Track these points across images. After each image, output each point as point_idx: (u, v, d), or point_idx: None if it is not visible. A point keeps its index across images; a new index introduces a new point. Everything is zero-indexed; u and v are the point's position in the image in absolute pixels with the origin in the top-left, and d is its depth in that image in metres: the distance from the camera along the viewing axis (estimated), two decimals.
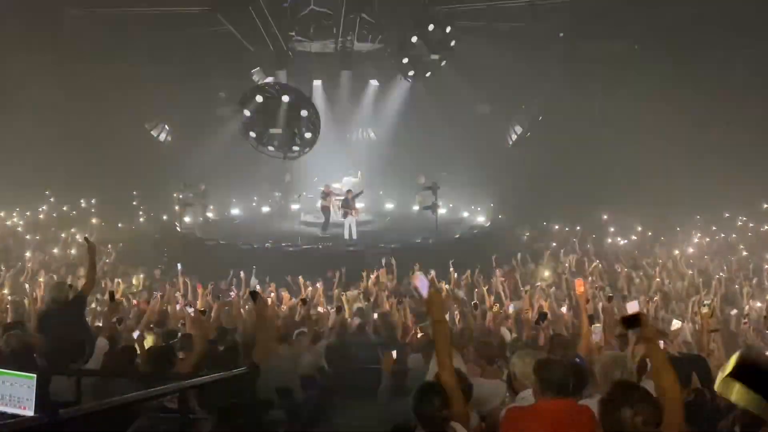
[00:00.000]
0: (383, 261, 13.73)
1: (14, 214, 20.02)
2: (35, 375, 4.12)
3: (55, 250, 16.51)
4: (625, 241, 18.66)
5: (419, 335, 8.47)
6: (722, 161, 19.35)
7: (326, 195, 18.68)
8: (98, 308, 10.76)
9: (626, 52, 20.06)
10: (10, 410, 4.07)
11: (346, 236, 17.47)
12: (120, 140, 20.70)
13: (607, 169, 21.41)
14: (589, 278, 12.49)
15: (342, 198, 18.28)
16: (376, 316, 10.54)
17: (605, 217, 21.42)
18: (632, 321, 3.00)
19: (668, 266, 14.24)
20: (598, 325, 5.74)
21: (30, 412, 3.96)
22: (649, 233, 19.21)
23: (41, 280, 12.37)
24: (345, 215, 17.66)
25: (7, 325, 7.33)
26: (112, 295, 7.27)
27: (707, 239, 18.19)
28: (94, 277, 7.70)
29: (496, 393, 4.56)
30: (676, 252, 15.74)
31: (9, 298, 10.92)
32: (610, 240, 19.05)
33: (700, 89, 19.40)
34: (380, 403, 6.52)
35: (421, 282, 4.01)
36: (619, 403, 2.43)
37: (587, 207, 22.44)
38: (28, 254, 14.76)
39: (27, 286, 12.20)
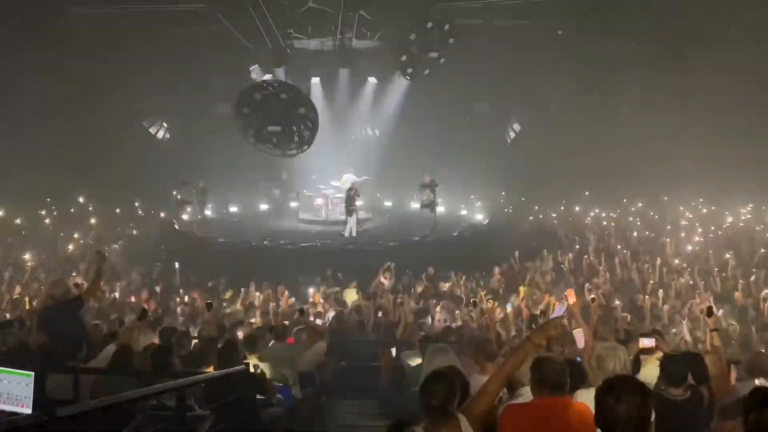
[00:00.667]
0: (386, 265, 13.69)
1: (16, 217, 19.99)
2: (33, 373, 4.13)
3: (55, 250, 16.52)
4: (625, 235, 18.64)
5: (421, 334, 8.47)
6: (724, 153, 19.37)
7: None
8: (96, 305, 10.77)
9: (624, 49, 20.06)
10: (8, 408, 4.07)
11: (347, 234, 17.45)
12: (118, 138, 20.67)
13: (607, 165, 21.42)
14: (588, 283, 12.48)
15: (344, 196, 18.26)
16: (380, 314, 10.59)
17: (603, 214, 21.43)
18: None
19: (668, 263, 14.25)
20: (579, 329, 5.65)
21: (28, 410, 3.96)
22: (647, 232, 19.17)
23: (41, 278, 12.39)
24: (350, 213, 17.61)
25: (3, 323, 7.34)
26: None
27: (711, 233, 18.15)
28: (98, 286, 7.58)
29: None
30: (673, 249, 15.75)
31: (7, 296, 10.96)
32: (607, 232, 19.03)
33: (700, 83, 19.39)
34: (380, 399, 6.56)
35: (560, 309, 4.82)
36: (610, 395, 2.44)
37: (586, 203, 22.49)
38: (27, 256, 14.73)
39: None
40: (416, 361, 6.85)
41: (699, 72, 19.14)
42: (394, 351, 5.37)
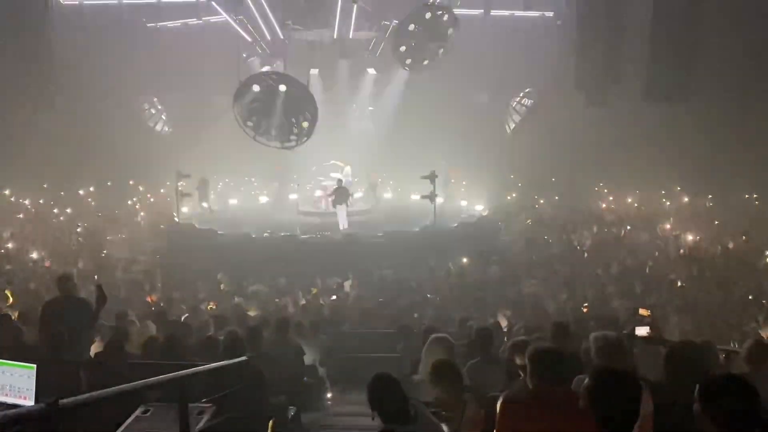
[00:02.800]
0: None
1: (20, 211, 20.02)
2: (35, 365, 4.15)
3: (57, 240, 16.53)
4: (625, 228, 18.63)
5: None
6: (728, 142, 19.30)
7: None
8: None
9: (624, 39, 19.95)
10: (10, 400, 4.09)
11: (341, 227, 17.46)
12: (117, 131, 20.63)
13: (607, 156, 21.38)
14: None
15: (337, 187, 18.23)
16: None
17: (604, 205, 21.42)
18: None
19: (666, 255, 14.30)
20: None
21: (30, 402, 3.98)
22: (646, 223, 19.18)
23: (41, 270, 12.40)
24: (339, 205, 17.61)
25: (2, 316, 7.33)
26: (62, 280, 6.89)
27: (714, 222, 18.14)
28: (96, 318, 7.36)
29: (496, 379, 4.59)
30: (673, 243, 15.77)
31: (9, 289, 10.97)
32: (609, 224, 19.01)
33: (705, 73, 19.27)
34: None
35: None
36: (604, 386, 2.45)
37: (586, 195, 22.46)
38: (34, 255, 14.72)
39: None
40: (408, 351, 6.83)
41: (705, 60, 18.99)
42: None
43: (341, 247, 15.80)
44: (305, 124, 17.59)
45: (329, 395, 8.17)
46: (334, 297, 11.81)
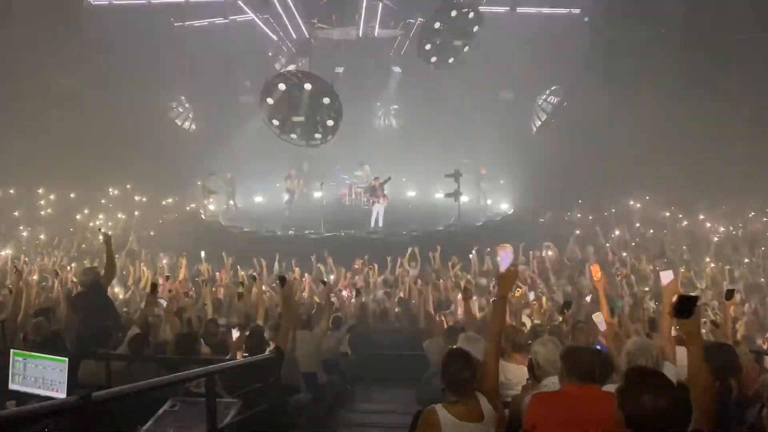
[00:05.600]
0: (408, 250, 13.66)
1: (43, 203, 20.41)
2: (67, 359, 4.24)
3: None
4: (650, 230, 18.34)
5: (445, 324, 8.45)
6: (753, 147, 18.87)
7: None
8: (125, 296, 10.97)
9: (651, 37, 19.65)
10: (43, 393, 4.19)
11: (372, 225, 17.47)
12: (145, 128, 20.90)
13: (633, 156, 21.06)
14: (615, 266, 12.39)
15: (366, 185, 18.25)
16: (397, 302, 10.61)
17: (631, 202, 21.12)
18: (686, 307, 2.66)
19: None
20: (598, 313, 5.57)
21: (62, 395, 4.07)
22: (680, 219, 18.86)
23: (70, 266, 12.62)
24: (372, 203, 17.64)
25: (36, 311, 7.50)
26: (154, 286, 6.99)
27: (737, 230, 17.76)
28: (113, 268, 7.62)
29: (521, 379, 4.56)
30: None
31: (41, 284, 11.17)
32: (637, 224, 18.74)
33: (729, 74, 18.91)
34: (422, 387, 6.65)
35: (505, 257, 4.11)
36: (636, 391, 2.42)
37: (612, 195, 22.16)
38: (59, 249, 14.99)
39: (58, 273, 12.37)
40: (435, 349, 6.81)
41: (729, 60, 18.61)
42: None
43: (366, 244, 15.82)
44: (330, 123, 17.64)
45: (353, 391, 8.21)
46: (350, 299, 11.75)
